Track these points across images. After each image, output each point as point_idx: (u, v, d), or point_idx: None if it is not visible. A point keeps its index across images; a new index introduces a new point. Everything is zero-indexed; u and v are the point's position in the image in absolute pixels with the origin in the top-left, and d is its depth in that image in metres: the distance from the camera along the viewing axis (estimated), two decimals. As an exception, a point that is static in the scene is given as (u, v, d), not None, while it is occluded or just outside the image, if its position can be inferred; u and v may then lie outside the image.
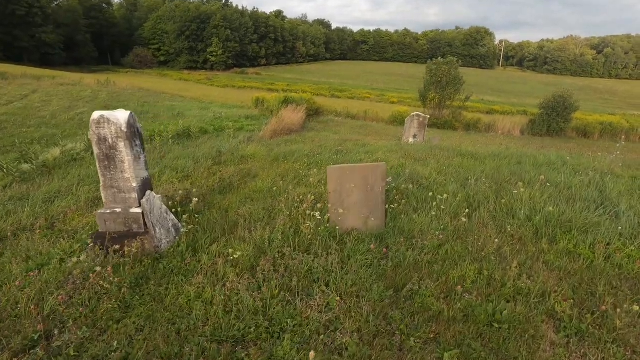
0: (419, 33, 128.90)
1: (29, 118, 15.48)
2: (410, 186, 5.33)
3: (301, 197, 5.02)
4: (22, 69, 37.56)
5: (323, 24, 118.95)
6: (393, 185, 4.98)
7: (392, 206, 4.28)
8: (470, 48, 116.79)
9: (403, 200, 4.34)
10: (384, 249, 3.53)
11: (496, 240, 3.77)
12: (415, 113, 10.77)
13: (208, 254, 3.64)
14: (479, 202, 4.76)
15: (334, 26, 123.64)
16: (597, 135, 22.81)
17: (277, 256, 3.53)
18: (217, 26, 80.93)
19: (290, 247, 3.69)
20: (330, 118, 22.52)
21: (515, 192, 4.76)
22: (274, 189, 5.79)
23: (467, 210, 4.21)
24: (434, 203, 4.42)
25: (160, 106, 21.18)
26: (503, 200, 4.59)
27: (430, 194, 4.71)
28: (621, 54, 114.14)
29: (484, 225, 4.25)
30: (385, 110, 27.91)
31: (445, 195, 4.48)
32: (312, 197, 4.72)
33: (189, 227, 4.11)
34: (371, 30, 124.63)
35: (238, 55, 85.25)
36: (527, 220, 4.23)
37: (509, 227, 4.03)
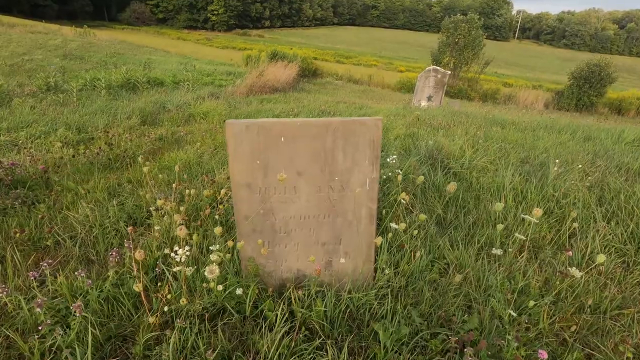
0: (433, 0, 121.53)
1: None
2: (430, 173, 2.85)
3: (214, 188, 2.57)
4: (-1, 17, 34.48)
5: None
6: (398, 171, 2.51)
7: (394, 225, 1.81)
8: (486, 17, 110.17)
9: (415, 212, 1.85)
10: None
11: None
12: (432, 67, 8.08)
13: None
14: (580, 219, 2.28)
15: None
16: (633, 112, 19.89)
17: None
18: (218, -19, 75.77)
19: None
20: (328, 80, 19.64)
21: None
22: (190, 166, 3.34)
23: (566, 260, 1.73)
24: (482, 226, 1.94)
25: (134, 58, 18.43)
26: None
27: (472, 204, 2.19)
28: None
29: (611, 282, 1.80)
30: (392, 77, 24.86)
31: (502, 205, 1.98)
32: (226, 191, 2.26)
33: None
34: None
35: (240, 15, 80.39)
36: None
37: None
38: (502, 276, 1.66)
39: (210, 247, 1.71)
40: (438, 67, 8.08)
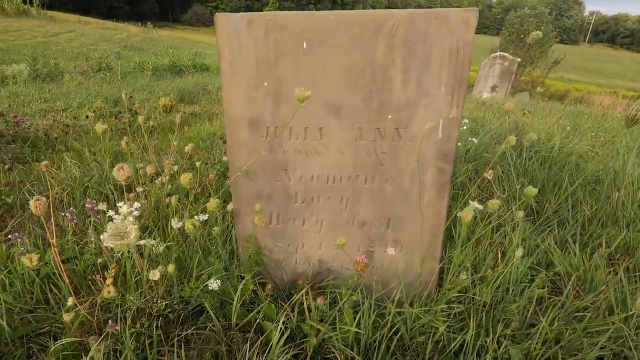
0: (494, 0, 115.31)
1: (30, 48, 13.79)
2: (512, 155, 2.15)
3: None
4: (77, 17, 37.76)
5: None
6: (473, 139, 1.86)
7: (477, 205, 1.20)
8: (554, 19, 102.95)
9: (497, 195, 1.23)
10: None
11: None
12: (499, 53, 7.14)
13: None
14: None
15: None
16: None
17: None
18: (274, -17, 77.98)
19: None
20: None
21: None
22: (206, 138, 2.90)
23: None
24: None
25: (189, 52, 19.01)
26: None
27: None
28: None
29: None
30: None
31: None
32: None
33: None
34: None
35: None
36: None
37: None
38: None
39: (197, 217, 1.18)
40: (505, 54, 7.11)
